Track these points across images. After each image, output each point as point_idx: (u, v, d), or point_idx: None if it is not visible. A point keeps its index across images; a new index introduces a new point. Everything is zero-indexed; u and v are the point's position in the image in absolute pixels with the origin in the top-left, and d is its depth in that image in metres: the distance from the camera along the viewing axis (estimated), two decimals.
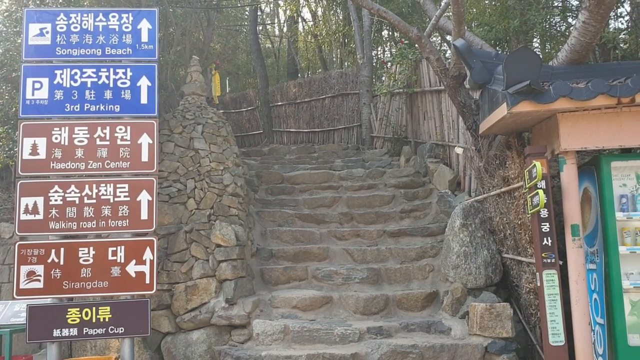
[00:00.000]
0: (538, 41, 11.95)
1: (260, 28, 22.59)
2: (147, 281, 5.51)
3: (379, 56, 18.58)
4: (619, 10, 9.87)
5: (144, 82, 5.88)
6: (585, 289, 5.02)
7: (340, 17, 18.20)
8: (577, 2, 10.10)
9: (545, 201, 4.88)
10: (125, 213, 5.57)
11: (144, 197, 5.62)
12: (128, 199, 5.61)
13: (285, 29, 22.19)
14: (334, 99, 14.93)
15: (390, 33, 18.04)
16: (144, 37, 5.96)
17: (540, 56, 10.45)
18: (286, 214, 8.50)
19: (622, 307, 4.94)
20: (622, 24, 10.26)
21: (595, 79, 4.96)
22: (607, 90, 4.86)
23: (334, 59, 19.23)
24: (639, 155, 5.43)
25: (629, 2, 10.23)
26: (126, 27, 5.94)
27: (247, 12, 18.75)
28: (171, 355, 6.31)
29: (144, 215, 5.59)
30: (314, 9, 20.29)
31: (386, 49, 19.52)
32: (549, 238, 4.97)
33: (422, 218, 8.40)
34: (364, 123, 13.63)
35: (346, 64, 18.16)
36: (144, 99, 5.84)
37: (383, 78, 13.21)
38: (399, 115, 11.89)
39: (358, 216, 8.49)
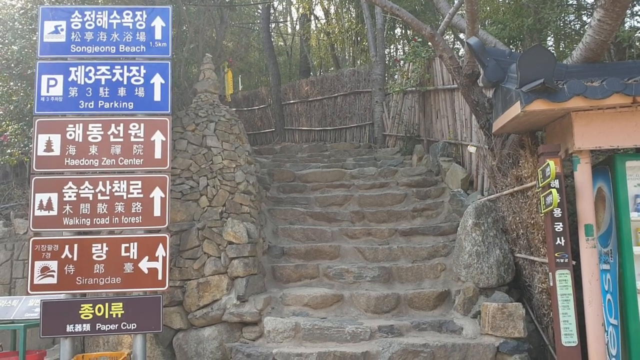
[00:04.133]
0: (552, 39, 11.85)
1: (273, 26, 22.62)
2: (160, 277, 5.54)
3: (392, 54, 18.56)
4: (635, 9, 9.77)
5: (157, 80, 5.91)
6: (598, 289, 4.97)
7: (353, 15, 18.16)
8: (592, 0, 10.01)
9: (558, 200, 4.84)
10: (139, 210, 5.61)
11: (156, 194, 5.66)
12: (141, 195, 5.65)
13: (297, 27, 22.20)
14: (346, 97, 14.91)
15: (403, 31, 18.03)
16: (158, 35, 5.99)
17: (555, 54, 10.38)
18: (298, 212, 8.51)
19: (637, 308, 4.88)
20: (638, 22, 10.16)
21: (610, 78, 4.91)
22: (623, 88, 4.81)
23: (347, 57, 19.19)
24: None
25: None
26: (140, 25, 5.98)
27: (259, 10, 18.78)
28: (183, 351, 6.35)
29: (156, 212, 5.63)
30: (326, 6, 20.29)
31: (399, 47, 19.50)
32: (562, 238, 4.93)
33: (434, 217, 8.37)
34: (376, 121, 13.60)
35: (359, 62, 18.12)
36: (157, 97, 5.87)
37: (396, 76, 13.16)
38: (411, 113, 11.85)
39: (370, 215, 8.47)
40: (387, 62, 14.64)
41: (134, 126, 5.77)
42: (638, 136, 5.05)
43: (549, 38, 11.58)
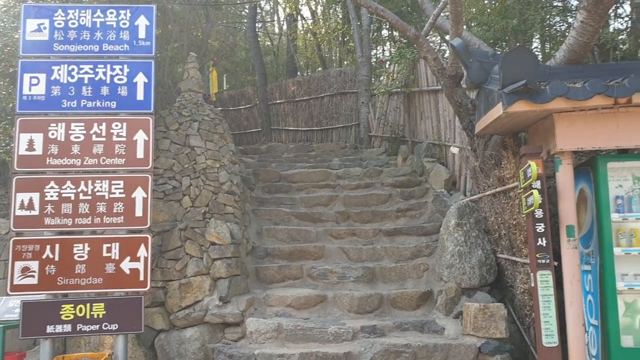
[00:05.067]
0: (538, 41, 11.91)
1: (260, 25, 22.57)
2: (141, 278, 5.50)
3: (378, 55, 18.59)
4: (619, 11, 9.87)
5: (140, 79, 5.87)
6: (579, 290, 5.01)
7: (340, 16, 18.19)
8: (577, 2, 10.08)
9: (540, 201, 4.87)
10: (120, 210, 5.56)
11: (138, 193, 5.61)
12: (123, 195, 5.59)
13: (284, 27, 22.17)
14: (333, 97, 14.92)
15: (389, 32, 18.05)
16: (142, 34, 5.94)
17: (540, 56, 10.44)
18: (282, 213, 8.49)
19: (616, 309, 4.93)
20: (622, 24, 10.24)
21: (593, 79, 4.94)
22: (604, 90, 4.84)
23: (333, 58, 19.21)
24: (636, 156, 5.42)
25: (629, 3, 10.23)
26: (124, 24, 5.92)
27: (246, 10, 18.73)
28: (165, 352, 6.31)
29: (138, 212, 5.58)
30: (313, 7, 20.28)
31: (386, 48, 19.54)
32: (543, 238, 4.96)
33: (417, 217, 8.41)
34: (362, 122, 13.63)
35: (345, 62, 18.14)
36: (140, 96, 5.83)
37: (381, 77, 13.21)
38: (396, 114, 11.90)
39: (354, 215, 8.49)
40: (373, 63, 14.65)
41: (116, 125, 5.72)
42: (620, 137, 5.08)
43: (534, 39, 11.63)
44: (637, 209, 5.08)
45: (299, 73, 19.83)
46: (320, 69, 19.74)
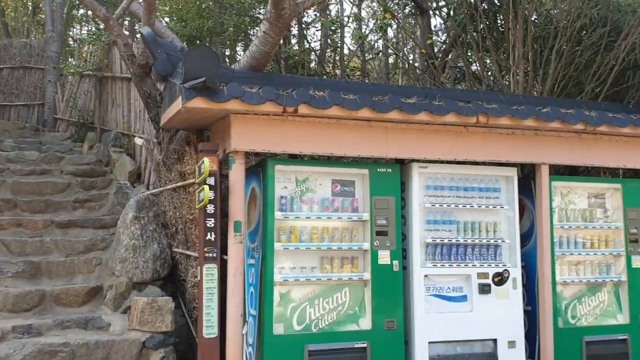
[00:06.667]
0: (242, 45, 12.31)
1: None
2: None
3: (80, 34, 17.31)
4: (308, 32, 10.96)
5: None
6: (241, 282, 5.29)
7: None
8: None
9: (211, 197, 5.00)
10: None
11: None
12: None
13: None
14: (15, 70, 13.32)
15: (90, 12, 16.93)
16: None
17: (219, 56, 10.85)
18: None
19: (272, 299, 5.32)
20: (313, 46, 11.41)
21: (267, 87, 5.28)
22: (275, 98, 5.19)
23: (20, 27, 17.14)
24: (300, 161, 5.99)
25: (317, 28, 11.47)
26: None
27: None
28: None
29: None
30: None
31: (88, 28, 18.28)
32: (212, 233, 5.11)
33: (97, 209, 7.99)
34: (47, 102, 12.47)
35: (34, 35, 16.36)
36: None
37: (73, 57, 12.29)
38: (87, 98, 11.21)
39: (23, 204, 7.64)
40: (70, 42, 13.55)
41: None
42: (287, 143, 5.49)
43: (238, 43, 11.95)
44: (297, 209, 5.60)
45: None
46: (3, 38, 17.43)
